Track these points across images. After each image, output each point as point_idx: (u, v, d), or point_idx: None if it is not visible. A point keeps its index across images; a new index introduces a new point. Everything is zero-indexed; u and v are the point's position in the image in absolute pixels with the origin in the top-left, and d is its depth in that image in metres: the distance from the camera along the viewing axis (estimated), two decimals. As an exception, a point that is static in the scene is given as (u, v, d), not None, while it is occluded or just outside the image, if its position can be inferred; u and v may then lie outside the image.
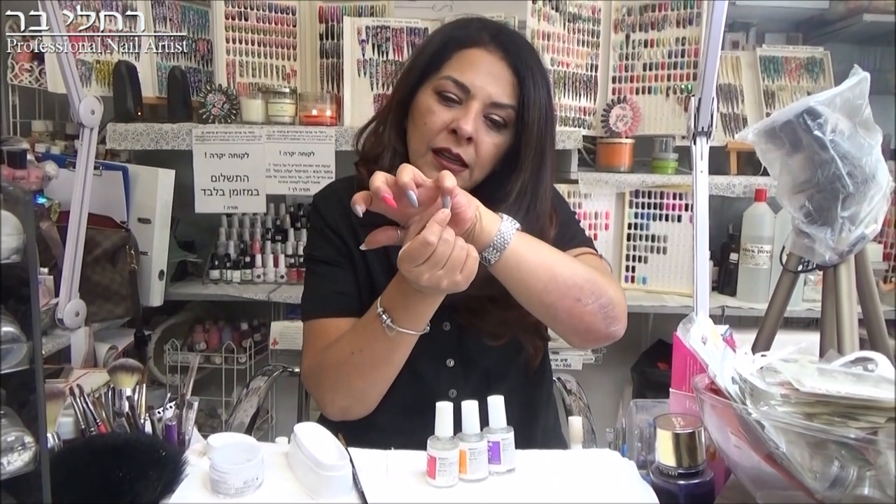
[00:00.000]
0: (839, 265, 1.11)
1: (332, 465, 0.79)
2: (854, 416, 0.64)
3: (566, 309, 0.94)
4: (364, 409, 1.02)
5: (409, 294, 0.92)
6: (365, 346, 0.97)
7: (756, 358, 0.75)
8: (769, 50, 2.20)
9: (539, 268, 0.92)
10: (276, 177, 1.97)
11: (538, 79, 1.00)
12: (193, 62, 2.16)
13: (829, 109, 1.00)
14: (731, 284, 2.09)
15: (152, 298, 1.93)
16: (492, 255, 0.90)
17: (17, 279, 0.61)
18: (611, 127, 2.08)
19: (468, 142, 0.98)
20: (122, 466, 0.73)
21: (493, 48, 1.00)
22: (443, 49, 1.01)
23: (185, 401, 0.89)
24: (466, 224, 0.87)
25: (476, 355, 1.07)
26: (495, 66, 0.99)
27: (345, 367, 0.99)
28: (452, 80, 0.99)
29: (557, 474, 0.85)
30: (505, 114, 0.99)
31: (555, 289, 0.93)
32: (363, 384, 1.00)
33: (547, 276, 0.92)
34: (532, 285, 0.92)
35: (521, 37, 1.06)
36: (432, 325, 1.02)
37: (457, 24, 1.06)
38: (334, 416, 1.02)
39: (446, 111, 0.99)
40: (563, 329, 0.99)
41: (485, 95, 0.98)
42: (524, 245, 0.91)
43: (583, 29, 2.12)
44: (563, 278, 0.93)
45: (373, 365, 0.98)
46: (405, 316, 0.94)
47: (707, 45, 1.39)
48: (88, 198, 1.65)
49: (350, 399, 1.01)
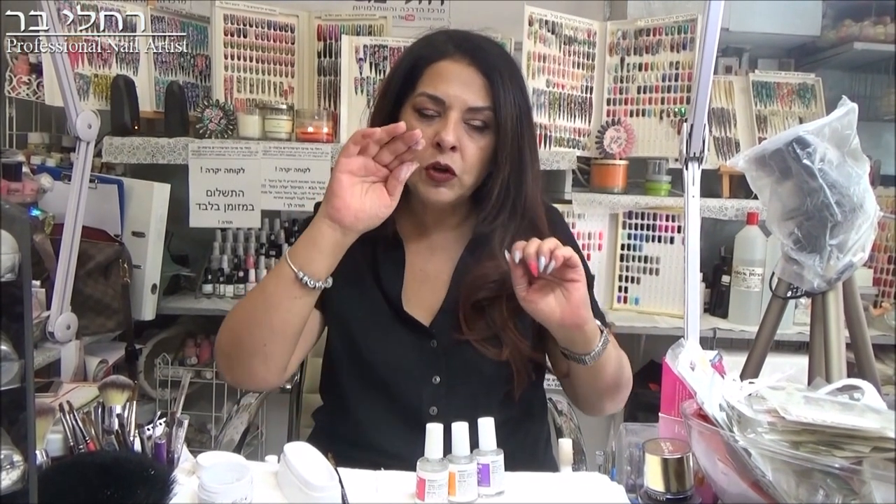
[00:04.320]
0: (827, 292, 1.12)
1: (321, 486, 0.79)
2: (839, 445, 0.65)
3: (612, 399, 1.06)
4: (238, 366, 1.00)
5: (311, 229, 0.96)
6: (256, 289, 0.99)
7: (744, 385, 0.75)
8: (762, 75, 2.23)
9: (616, 363, 1.01)
10: (272, 192, 1.98)
11: (507, 77, 1.03)
12: (191, 77, 2.17)
13: (817, 139, 1.02)
14: (722, 306, 2.10)
15: (145, 312, 1.93)
16: (591, 360, 0.97)
17: (11, 297, 0.61)
18: (605, 148, 2.10)
19: (453, 151, 1.00)
20: (110, 485, 0.73)
21: (460, 56, 1.03)
22: (413, 68, 1.04)
23: (174, 419, 0.89)
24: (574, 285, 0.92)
25: (462, 374, 1.07)
26: (465, 73, 1.02)
27: (236, 312, 1.01)
28: (427, 96, 1.01)
29: (546, 497, 0.85)
30: (483, 116, 1.02)
31: (615, 382, 1.03)
32: (239, 328, 0.99)
33: (616, 374, 1.02)
34: (603, 379, 1.01)
35: (486, 40, 1.08)
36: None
37: (422, 43, 1.08)
38: (230, 380, 1.05)
39: (427, 127, 1.01)
40: (591, 411, 1.10)
41: (460, 103, 1.00)
42: (610, 350, 0.99)
43: (578, 51, 2.14)
44: (625, 375, 1.04)
45: (252, 304, 0.98)
46: (299, 250, 0.95)
47: (699, 73, 1.41)
48: (83, 211, 1.65)
49: (229, 350, 1.00)
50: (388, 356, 1.07)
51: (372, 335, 1.07)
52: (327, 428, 1.15)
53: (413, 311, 1.07)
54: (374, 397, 1.07)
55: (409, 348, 1.06)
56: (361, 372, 1.08)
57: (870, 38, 2.18)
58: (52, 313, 1.62)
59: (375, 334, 1.07)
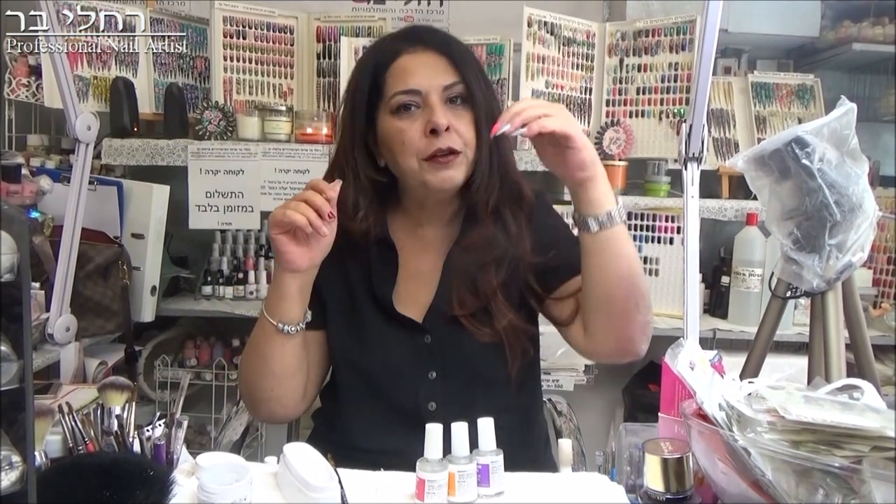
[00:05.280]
0: (827, 292, 1.12)
1: (321, 487, 0.79)
2: (839, 444, 0.65)
3: (624, 310, 0.99)
4: (259, 408, 1.09)
5: (275, 279, 1.02)
6: (251, 341, 1.06)
7: (743, 384, 0.75)
8: (761, 76, 2.23)
9: (623, 262, 0.98)
10: (271, 194, 1.98)
11: (463, 51, 1.07)
12: (191, 79, 2.17)
13: (816, 139, 1.02)
14: (722, 307, 2.10)
15: (144, 314, 1.92)
16: (597, 224, 0.95)
17: (10, 298, 0.61)
18: (604, 149, 2.10)
19: (448, 131, 1.01)
20: (109, 486, 0.73)
21: (413, 47, 1.05)
22: (375, 77, 1.05)
23: (174, 420, 0.89)
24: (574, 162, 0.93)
25: (458, 367, 1.08)
26: (426, 59, 1.04)
27: (243, 362, 1.09)
28: (401, 93, 1.02)
29: (546, 498, 0.85)
30: (457, 90, 1.03)
31: (628, 285, 0.98)
32: (249, 378, 1.07)
33: (628, 270, 0.98)
34: (613, 271, 0.97)
35: (429, 27, 1.12)
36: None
37: (372, 53, 1.10)
38: (258, 419, 1.16)
39: (413, 121, 1.02)
40: (606, 331, 1.01)
41: (435, 86, 1.02)
42: (625, 235, 0.98)
43: (577, 52, 2.14)
44: (637, 279, 0.99)
45: (251, 356, 1.05)
46: (272, 301, 1.02)
47: (698, 74, 1.41)
48: (82, 213, 1.65)
49: (247, 397, 1.10)
50: (383, 357, 1.08)
51: (366, 338, 1.08)
52: (326, 429, 1.15)
53: (406, 309, 1.08)
54: (372, 399, 1.08)
55: (403, 347, 1.07)
56: (358, 375, 1.09)
57: (868, 38, 2.18)
58: (51, 315, 1.61)
59: (370, 337, 1.08)
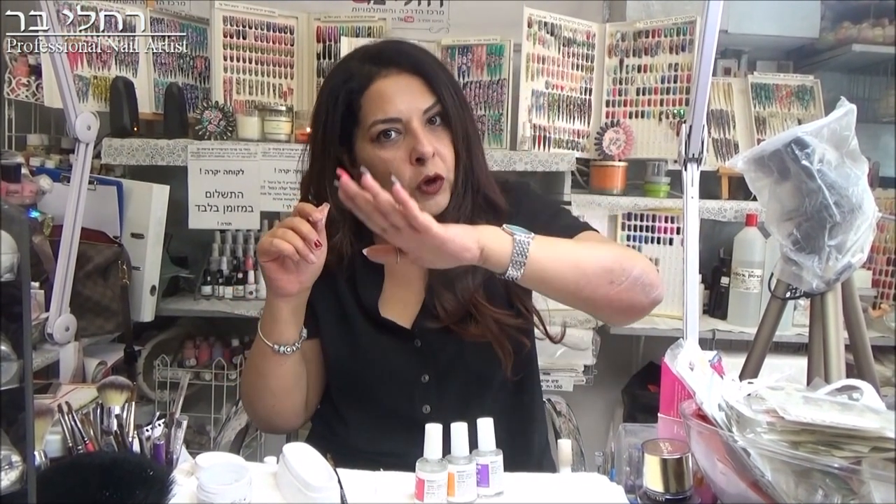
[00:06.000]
0: (826, 293, 1.12)
1: (320, 487, 0.79)
2: (839, 444, 0.65)
3: (603, 296, 0.94)
4: (261, 422, 1.12)
5: (267, 302, 1.02)
6: (249, 359, 1.08)
7: (743, 385, 0.76)
8: (760, 77, 2.23)
9: (565, 268, 0.92)
10: (271, 194, 1.98)
11: (434, 66, 1.03)
12: (191, 79, 2.17)
13: (816, 140, 1.02)
14: (721, 308, 2.10)
15: (144, 314, 1.92)
16: (516, 271, 0.89)
17: (10, 297, 0.62)
18: (604, 150, 2.10)
19: (433, 157, 1.00)
20: (109, 486, 0.73)
21: (387, 69, 1.02)
22: (350, 104, 1.02)
23: (173, 419, 0.89)
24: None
25: (450, 368, 1.08)
26: (401, 83, 1.01)
27: (243, 378, 1.13)
28: (380, 122, 1.00)
29: (545, 498, 0.85)
30: (437, 110, 1.02)
31: (587, 283, 0.93)
32: (249, 395, 1.10)
33: (575, 273, 0.92)
34: (564, 287, 0.93)
35: (394, 42, 1.10)
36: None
37: (340, 78, 1.05)
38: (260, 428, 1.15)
39: (397, 149, 1.00)
40: (606, 314, 1.01)
41: (414, 111, 1.00)
42: (544, 251, 0.90)
43: (577, 53, 2.14)
44: (591, 269, 0.93)
45: (250, 374, 1.08)
46: (266, 324, 1.03)
47: (698, 75, 1.41)
48: (82, 212, 1.64)
49: (249, 411, 1.13)
50: (374, 364, 1.08)
51: (358, 346, 1.08)
52: (325, 430, 1.16)
53: (394, 315, 1.08)
54: (367, 405, 1.09)
55: (394, 352, 1.07)
56: (352, 382, 1.10)
57: (868, 39, 2.18)
58: (50, 315, 1.61)
59: (361, 344, 1.08)
